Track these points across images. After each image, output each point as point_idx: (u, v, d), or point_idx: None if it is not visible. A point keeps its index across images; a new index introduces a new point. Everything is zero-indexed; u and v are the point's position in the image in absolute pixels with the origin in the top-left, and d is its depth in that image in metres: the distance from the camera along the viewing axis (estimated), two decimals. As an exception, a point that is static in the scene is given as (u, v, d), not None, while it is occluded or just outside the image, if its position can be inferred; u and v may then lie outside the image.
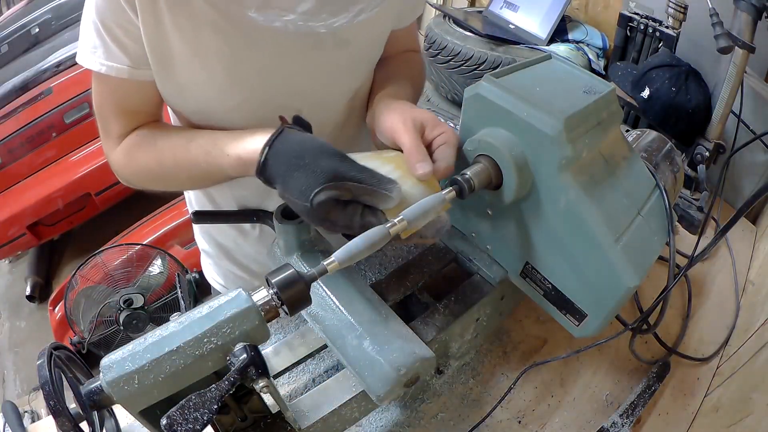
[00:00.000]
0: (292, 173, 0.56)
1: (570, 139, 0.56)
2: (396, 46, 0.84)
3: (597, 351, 0.85)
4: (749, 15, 1.01)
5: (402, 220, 0.54)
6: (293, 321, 0.85)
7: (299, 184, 0.55)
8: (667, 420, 0.78)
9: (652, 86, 1.27)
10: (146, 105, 0.71)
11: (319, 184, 0.54)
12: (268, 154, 0.58)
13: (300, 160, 0.56)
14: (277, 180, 0.58)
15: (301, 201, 0.55)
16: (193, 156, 0.66)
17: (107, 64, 0.64)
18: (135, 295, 1.94)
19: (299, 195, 0.55)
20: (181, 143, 0.68)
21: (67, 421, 0.45)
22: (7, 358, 2.50)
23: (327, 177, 0.54)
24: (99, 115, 0.71)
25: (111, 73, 0.64)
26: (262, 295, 0.50)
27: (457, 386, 0.79)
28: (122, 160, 0.72)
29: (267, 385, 0.48)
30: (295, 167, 0.56)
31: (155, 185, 0.74)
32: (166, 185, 0.74)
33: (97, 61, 0.64)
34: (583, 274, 0.62)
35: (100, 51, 0.63)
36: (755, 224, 1.23)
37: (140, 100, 0.70)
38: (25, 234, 2.42)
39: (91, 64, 0.64)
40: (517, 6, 2.01)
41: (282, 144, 0.58)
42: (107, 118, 0.70)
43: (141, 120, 0.72)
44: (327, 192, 0.54)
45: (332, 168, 0.55)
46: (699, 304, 0.98)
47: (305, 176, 0.55)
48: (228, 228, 0.94)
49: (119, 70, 0.64)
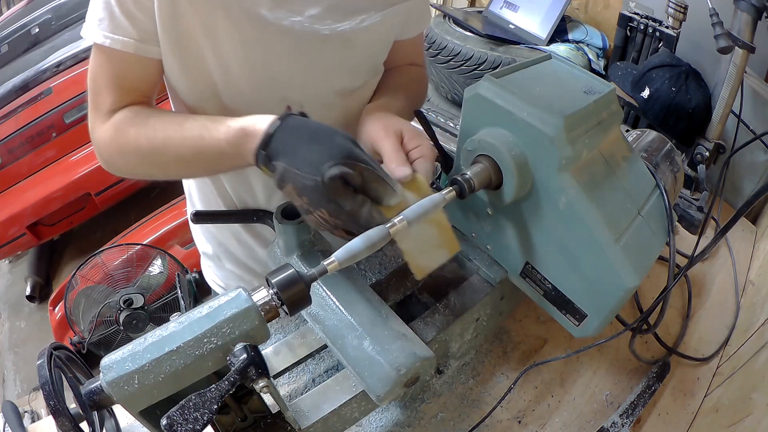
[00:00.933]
0: (303, 145, 0.55)
1: (570, 139, 0.56)
2: (400, 57, 0.84)
3: (597, 351, 0.85)
4: (749, 15, 1.01)
5: (402, 220, 0.54)
6: (293, 321, 0.85)
7: (311, 156, 0.53)
8: (667, 420, 0.78)
9: (652, 86, 1.27)
10: (144, 83, 0.70)
11: (333, 157, 0.52)
12: (279, 128, 0.57)
13: (313, 135, 0.55)
14: (284, 152, 0.55)
15: (311, 174, 0.53)
16: (186, 130, 0.64)
17: (112, 37, 0.63)
18: (135, 295, 1.94)
19: (310, 167, 0.53)
20: (175, 121, 0.66)
21: (67, 421, 0.45)
22: (7, 358, 2.50)
23: (341, 152, 0.53)
24: (92, 88, 0.69)
25: (116, 46, 0.63)
26: (262, 295, 0.50)
27: (457, 386, 0.79)
28: (109, 135, 0.68)
29: (267, 385, 0.48)
30: (308, 140, 0.55)
31: (139, 166, 0.70)
32: (150, 166, 0.71)
33: (101, 33, 0.63)
34: (583, 274, 0.62)
35: (106, 23, 0.62)
36: (755, 224, 1.23)
37: (139, 77, 0.68)
38: (25, 234, 2.42)
39: (95, 36, 0.63)
40: (517, 6, 2.01)
41: (294, 120, 0.57)
42: (100, 91, 0.68)
43: (135, 98, 0.70)
44: (341, 167, 0.52)
45: (348, 146, 0.54)
46: (699, 304, 0.98)
47: (318, 149, 0.53)
48: (228, 229, 0.94)
49: (125, 44, 0.63)
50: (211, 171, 0.79)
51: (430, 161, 0.63)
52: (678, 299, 0.98)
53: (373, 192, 0.56)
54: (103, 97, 0.68)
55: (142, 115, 0.68)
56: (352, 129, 0.85)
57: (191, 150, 0.65)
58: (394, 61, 0.83)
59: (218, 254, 1.00)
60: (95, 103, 0.70)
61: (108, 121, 0.69)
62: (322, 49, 0.70)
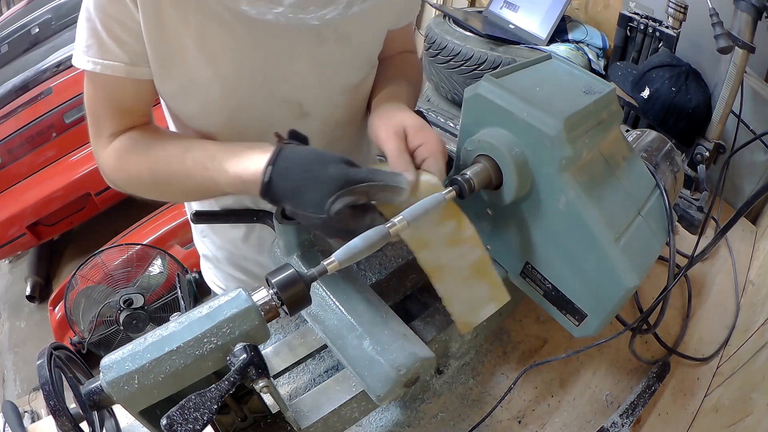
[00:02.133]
0: (301, 188, 0.55)
1: (570, 139, 0.56)
2: (393, 47, 0.84)
3: (597, 351, 0.85)
4: (749, 15, 1.01)
5: (402, 220, 0.54)
6: (293, 321, 0.85)
7: (312, 197, 0.54)
8: (667, 420, 0.78)
9: (652, 86, 1.27)
10: (140, 104, 0.70)
11: (332, 192, 0.53)
12: (273, 174, 0.56)
13: (307, 173, 0.55)
14: (287, 198, 0.56)
15: (317, 214, 0.54)
16: (188, 168, 0.65)
17: (102, 63, 0.63)
18: (135, 295, 1.94)
19: (314, 208, 0.54)
20: (176, 153, 0.66)
21: (67, 421, 0.45)
22: (7, 358, 2.49)
23: (338, 183, 0.53)
24: (90, 114, 0.69)
25: (106, 71, 0.63)
26: (262, 295, 0.50)
27: (457, 386, 0.79)
28: (112, 163, 0.70)
29: (267, 385, 0.48)
30: (304, 181, 0.55)
31: (145, 194, 0.72)
32: (157, 195, 0.73)
33: (91, 60, 0.63)
34: (583, 274, 0.62)
35: (94, 49, 0.62)
36: (755, 224, 1.23)
37: (135, 98, 0.68)
38: (25, 234, 2.42)
39: (84, 63, 0.63)
40: (517, 6, 2.01)
41: (284, 161, 0.57)
42: (99, 116, 0.69)
43: (134, 119, 0.70)
44: (343, 199, 0.53)
45: (341, 174, 0.54)
46: (699, 304, 0.98)
47: (316, 188, 0.54)
48: (228, 230, 0.94)
49: (115, 68, 0.63)
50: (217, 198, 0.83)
51: (439, 158, 0.62)
52: (678, 299, 0.98)
53: (383, 200, 0.57)
54: (102, 122, 0.69)
55: (142, 144, 0.69)
56: (360, 128, 0.86)
57: (195, 187, 0.66)
58: (389, 51, 0.83)
59: (216, 256, 1.00)
60: (96, 129, 0.70)
61: (110, 146, 0.70)
62: (318, 47, 0.70)
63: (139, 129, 0.70)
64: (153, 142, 0.69)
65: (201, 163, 0.63)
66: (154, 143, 0.68)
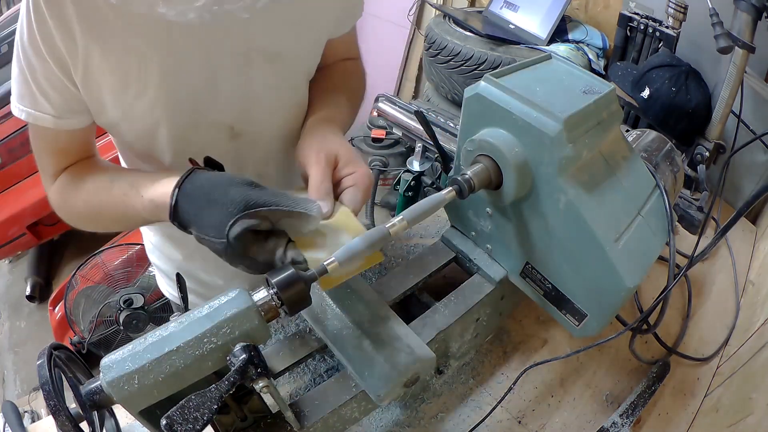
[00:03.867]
0: (203, 211, 0.53)
1: (570, 139, 0.56)
2: (335, 54, 0.82)
3: (597, 351, 0.85)
4: (749, 15, 1.01)
5: (402, 220, 0.54)
6: (293, 321, 0.85)
7: (212, 220, 0.52)
8: (667, 420, 0.78)
9: (652, 86, 1.27)
10: (76, 145, 0.71)
11: (232, 215, 0.51)
12: (178, 196, 0.56)
13: (209, 196, 0.53)
14: (191, 222, 0.55)
15: (217, 238, 0.52)
16: (113, 197, 0.66)
17: (33, 114, 0.64)
18: (135, 295, 1.94)
19: (214, 232, 0.52)
20: (104, 185, 0.68)
21: (67, 421, 0.45)
22: (7, 358, 2.49)
23: (238, 206, 0.51)
24: (35, 153, 0.71)
25: (37, 122, 0.65)
26: (262, 295, 0.50)
27: (457, 386, 0.79)
28: (57, 201, 0.72)
29: (267, 385, 0.48)
30: (206, 204, 0.53)
31: (87, 227, 0.74)
32: (94, 227, 0.74)
33: (24, 110, 0.64)
34: (583, 274, 0.62)
35: (27, 100, 0.64)
36: (755, 224, 1.23)
37: (68, 142, 0.70)
38: (25, 234, 2.42)
39: (18, 112, 0.65)
40: (517, 6, 2.01)
41: (190, 184, 0.56)
42: (41, 157, 0.71)
43: (73, 158, 0.72)
44: (242, 222, 0.51)
45: (243, 197, 0.52)
46: (699, 304, 0.98)
47: (217, 210, 0.52)
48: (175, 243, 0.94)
49: (44, 120, 0.64)
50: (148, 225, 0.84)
51: (361, 190, 0.60)
52: (678, 299, 0.98)
53: (290, 227, 0.55)
54: (45, 161, 0.71)
55: (78, 179, 0.70)
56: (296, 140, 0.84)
57: (121, 216, 0.67)
58: (329, 58, 0.81)
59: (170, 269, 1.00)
60: (40, 167, 0.72)
61: (53, 185, 0.72)
62: (246, 69, 0.68)
63: (77, 166, 0.72)
64: (87, 176, 0.70)
65: (123, 190, 0.65)
66: (88, 177, 0.70)
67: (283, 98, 0.76)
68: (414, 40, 2.80)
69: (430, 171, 2.05)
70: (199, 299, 0.94)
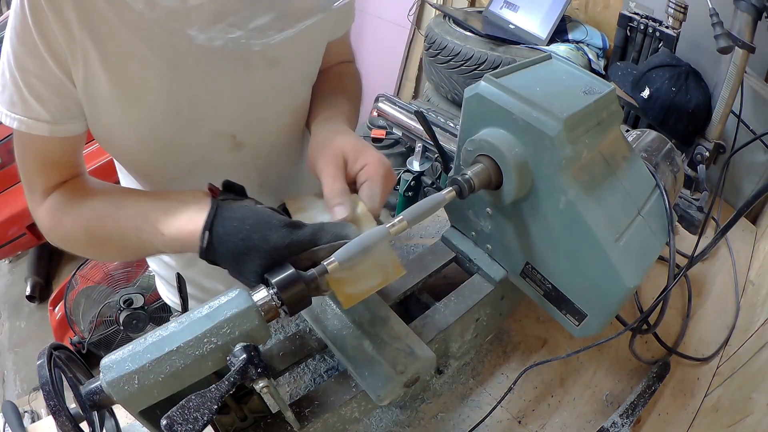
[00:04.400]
0: (242, 257, 0.52)
1: (570, 139, 0.56)
2: (330, 58, 0.82)
3: (597, 351, 0.85)
4: (749, 15, 1.01)
5: (402, 220, 0.54)
6: (293, 321, 0.85)
7: (253, 267, 0.51)
8: (667, 420, 0.78)
9: (652, 86, 1.27)
10: (68, 156, 0.67)
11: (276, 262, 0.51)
12: (212, 240, 0.53)
13: (247, 242, 0.52)
14: (228, 265, 0.54)
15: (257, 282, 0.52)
16: (122, 228, 0.61)
17: (27, 122, 0.60)
18: (135, 295, 1.94)
19: (256, 278, 0.52)
20: (108, 212, 0.63)
21: (67, 421, 0.45)
22: (7, 358, 2.49)
23: (282, 253, 0.51)
24: (21, 169, 0.67)
25: (31, 130, 0.61)
26: (262, 296, 0.50)
27: (457, 386, 0.79)
28: (47, 223, 0.67)
29: (267, 385, 0.48)
30: (244, 250, 0.52)
31: (84, 254, 0.70)
32: (94, 255, 0.71)
33: (17, 118, 0.60)
34: (583, 274, 0.62)
35: (19, 107, 0.60)
36: (755, 224, 1.23)
37: (62, 152, 0.66)
38: (25, 234, 2.42)
39: (9, 121, 0.61)
40: (517, 6, 2.01)
41: (221, 227, 0.53)
42: (30, 172, 0.66)
43: (65, 173, 0.68)
44: None
45: (285, 243, 0.51)
46: (699, 304, 0.98)
47: (257, 257, 0.51)
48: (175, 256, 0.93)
49: (40, 127, 0.61)
50: None
51: (377, 182, 0.59)
52: (678, 299, 0.98)
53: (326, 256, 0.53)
54: (33, 178, 0.66)
55: (74, 201, 0.66)
56: (297, 146, 0.85)
57: (132, 248, 0.63)
58: (325, 62, 0.81)
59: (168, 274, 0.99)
60: (28, 185, 0.67)
61: (43, 204, 0.67)
62: (246, 76, 0.67)
63: (70, 185, 0.68)
64: (84, 200, 0.66)
65: (134, 222, 0.60)
66: (84, 200, 0.66)
67: (283, 103, 0.75)
68: (414, 40, 2.80)
69: (430, 171, 2.05)
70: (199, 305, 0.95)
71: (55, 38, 0.57)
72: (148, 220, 0.59)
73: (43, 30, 0.56)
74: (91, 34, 0.57)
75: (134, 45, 0.60)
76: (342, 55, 0.86)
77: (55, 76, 0.59)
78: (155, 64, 0.62)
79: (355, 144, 0.62)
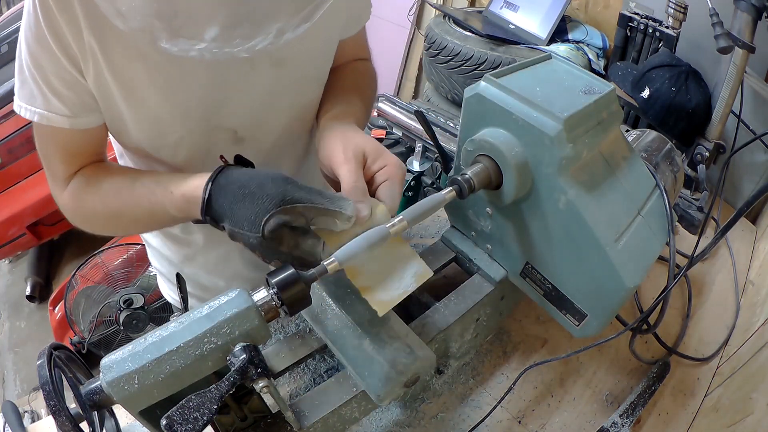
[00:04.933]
0: (238, 204, 0.53)
1: (570, 139, 0.56)
2: (344, 55, 0.81)
3: (597, 351, 0.85)
4: (749, 15, 1.01)
5: (402, 220, 0.54)
6: (293, 321, 0.85)
7: (247, 213, 0.52)
8: (667, 420, 0.78)
9: (652, 86, 1.27)
10: (89, 147, 0.70)
11: (267, 210, 0.51)
12: (212, 189, 0.56)
13: (245, 189, 0.53)
14: (224, 215, 0.55)
15: (252, 232, 0.52)
16: (137, 196, 0.65)
17: (47, 115, 0.62)
18: (135, 295, 1.94)
19: (249, 226, 0.52)
20: (126, 184, 0.66)
21: (67, 421, 0.45)
22: (7, 358, 2.49)
23: (275, 202, 0.51)
24: (43, 159, 0.69)
25: (50, 123, 0.63)
26: (262, 296, 0.50)
27: (457, 386, 0.79)
28: (70, 204, 0.70)
29: (267, 385, 0.48)
30: (241, 197, 0.53)
31: (103, 230, 0.73)
32: (112, 229, 0.74)
33: (36, 112, 0.62)
34: (583, 274, 0.62)
35: (39, 100, 0.62)
36: (755, 224, 1.23)
37: (82, 143, 0.68)
38: (25, 234, 2.42)
39: (30, 114, 0.63)
40: (517, 6, 2.01)
41: (225, 178, 0.56)
42: (51, 161, 0.69)
43: (86, 161, 0.70)
44: (278, 217, 0.51)
45: (280, 192, 0.52)
46: (699, 304, 0.98)
47: (252, 204, 0.52)
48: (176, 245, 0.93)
49: (59, 120, 0.63)
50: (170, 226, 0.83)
51: (397, 183, 0.59)
52: (678, 299, 0.98)
53: (324, 225, 0.54)
54: (55, 166, 0.69)
55: (95, 180, 0.69)
56: (301, 146, 0.85)
57: (145, 215, 0.66)
58: (339, 59, 0.80)
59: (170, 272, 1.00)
60: (50, 172, 0.70)
61: (66, 189, 0.70)
62: (251, 75, 0.68)
63: (91, 167, 0.70)
64: (104, 177, 0.68)
65: (149, 188, 0.63)
66: (105, 178, 0.68)
67: (289, 102, 0.75)
68: (414, 40, 2.80)
69: (430, 171, 2.05)
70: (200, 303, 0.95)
71: (65, 37, 0.58)
72: (161, 184, 0.62)
73: (54, 29, 0.57)
74: (98, 37, 0.59)
75: (139, 48, 0.61)
76: (357, 52, 0.86)
77: (70, 74, 0.61)
78: (161, 67, 0.63)
79: (374, 144, 0.62)
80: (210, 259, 0.92)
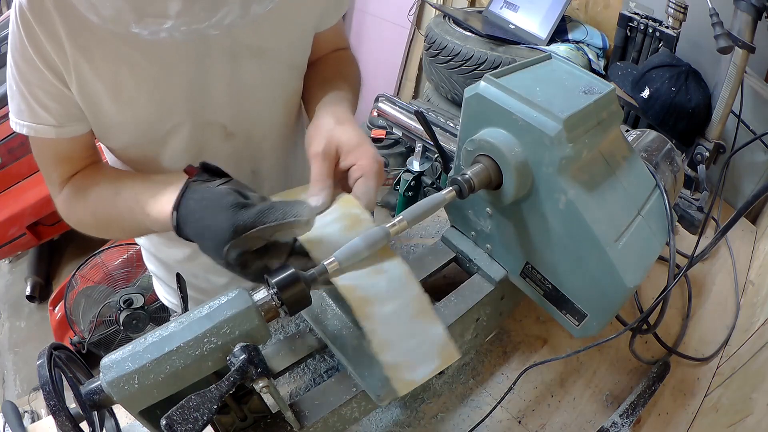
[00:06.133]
0: (200, 236, 0.54)
1: (570, 139, 0.56)
2: (325, 46, 0.83)
3: (597, 351, 0.85)
4: (749, 15, 1.01)
5: (402, 220, 0.54)
6: (293, 321, 0.85)
7: (211, 245, 0.53)
8: (667, 420, 0.78)
9: (652, 86, 1.27)
10: (79, 151, 0.72)
11: (224, 242, 0.51)
12: (178, 220, 0.56)
13: (201, 222, 0.54)
14: (195, 239, 0.56)
15: (219, 259, 0.53)
16: (120, 211, 0.67)
17: (34, 127, 0.65)
18: (135, 295, 1.94)
19: (213, 254, 0.53)
20: (108, 197, 0.68)
21: (67, 421, 0.45)
22: (7, 358, 2.49)
23: (227, 234, 0.51)
24: (39, 164, 0.72)
25: (39, 134, 0.66)
26: (262, 295, 0.50)
27: (457, 386, 0.79)
28: (65, 211, 0.73)
29: (267, 385, 0.48)
30: (201, 229, 0.54)
31: (97, 235, 0.75)
32: (104, 236, 0.76)
33: (25, 125, 0.65)
34: (583, 274, 0.62)
35: (26, 114, 0.65)
36: (755, 224, 1.23)
37: (71, 149, 0.71)
38: (25, 234, 2.42)
39: (19, 127, 0.66)
40: (517, 6, 2.01)
41: (185, 208, 0.56)
42: (46, 167, 0.72)
43: (79, 165, 0.73)
44: (235, 248, 0.51)
45: (230, 223, 0.51)
46: (699, 304, 0.98)
47: (210, 237, 0.53)
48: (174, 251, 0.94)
49: (46, 131, 0.66)
50: None
51: (371, 179, 0.59)
52: (678, 299, 0.98)
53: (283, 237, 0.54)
54: (50, 171, 0.72)
55: (83, 191, 0.71)
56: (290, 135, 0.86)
57: (131, 228, 0.69)
58: (320, 51, 0.82)
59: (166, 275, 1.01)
60: (47, 177, 0.73)
61: (60, 194, 0.73)
62: (233, 67, 0.69)
63: (80, 176, 0.73)
64: (91, 188, 0.70)
65: (128, 205, 0.65)
66: (91, 189, 0.70)
67: (272, 93, 0.77)
68: (414, 40, 2.80)
69: (430, 171, 2.05)
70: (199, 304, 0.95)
71: (47, 52, 0.60)
72: (139, 202, 0.63)
73: (37, 45, 0.60)
74: (80, 45, 0.60)
75: (122, 50, 0.62)
76: (337, 42, 0.87)
77: (54, 86, 0.63)
78: (144, 66, 0.64)
79: (351, 137, 0.61)
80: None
